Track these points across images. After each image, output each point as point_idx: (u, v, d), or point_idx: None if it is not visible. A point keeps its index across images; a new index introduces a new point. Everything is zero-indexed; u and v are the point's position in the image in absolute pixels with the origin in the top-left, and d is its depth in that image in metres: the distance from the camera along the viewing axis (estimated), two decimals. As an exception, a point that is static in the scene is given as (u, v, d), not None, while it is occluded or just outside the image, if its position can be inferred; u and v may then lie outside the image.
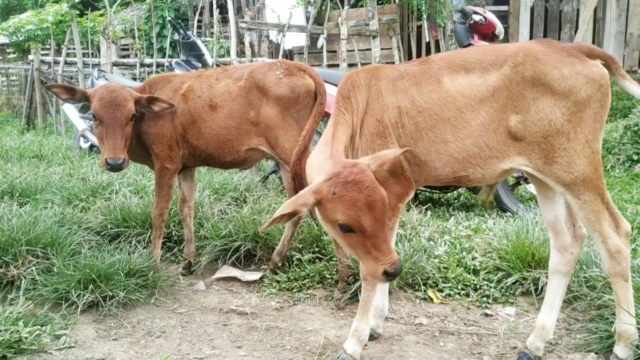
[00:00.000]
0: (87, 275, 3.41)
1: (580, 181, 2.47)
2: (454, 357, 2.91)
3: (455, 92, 2.57)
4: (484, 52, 2.64)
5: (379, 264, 2.27)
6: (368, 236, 2.25)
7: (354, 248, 2.34)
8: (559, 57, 2.47)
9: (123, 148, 3.57)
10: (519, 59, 2.48)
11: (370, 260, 2.30)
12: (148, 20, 14.76)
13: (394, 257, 2.28)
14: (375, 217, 2.23)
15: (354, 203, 2.21)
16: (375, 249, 2.27)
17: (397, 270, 2.28)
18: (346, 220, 2.24)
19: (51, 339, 3.05)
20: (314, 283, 3.80)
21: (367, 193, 2.23)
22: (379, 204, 2.24)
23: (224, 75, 3.80)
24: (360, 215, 2.22)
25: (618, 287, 2.61)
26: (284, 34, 9.29)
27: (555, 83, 2.42)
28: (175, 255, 4.42)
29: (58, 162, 7.27)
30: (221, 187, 5.42)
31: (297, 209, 2.28)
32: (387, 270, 2.27)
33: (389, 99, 2.67)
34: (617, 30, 9.84)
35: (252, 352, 2.99)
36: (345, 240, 2.35)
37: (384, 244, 2.28)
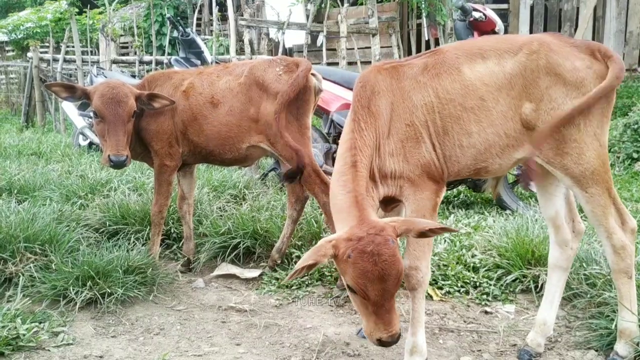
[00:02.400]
0: (85, 272, 3.40)
1: (589, 174, 2.48)
2: (453, 355, 2.90)
3: (476, 79, 2.52)
4: (498, 40, 2.65)
5: (377, 330, 2.21)
6: (371, 303, 2.18)
7: (357, 305, 2.30)
8: (570, 50, 2.52)
9: (125, 145, 3.55)
10: (534, 47, 2.49)
11: (370, 322, 2.23)
12: (147, 18, 14.74)
13: (394, 330, 2.20)
14: (384, 288, 2.14)
15: (365, 274, 2.13)
16: (377, 316, 2.20)
17: (393, 341, 2.22)
18: (353, 286, 2.18)
19: (49, 336, 3.04)
20: (313, 280, 3.79)
21: (382, 267, 2.12)
22: (392, 277, 2.14)
23: (225, 72, 3.79)
24: (369, 286, 2.14)
25: (621, 284, 2.60)
26: (283, 32, 9.27)
27: (568, 74, 2.46)
28: (174, 252, 4.40)
29: (57, 159, 7.26)
30: (220, 184, 5.41)
31: (318, 260, 2.19)
32: (382, 338, 2.20)
33: (415, 98, 2.54)
34: (617, 29, 9.83)
35: (250, 350, 2.98)
36: (353, 298, 2.31)
37: (387, 315, 2.19)
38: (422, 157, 2.52)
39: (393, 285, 2.16)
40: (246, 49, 9.15)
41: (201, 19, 15.94)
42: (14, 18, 19.88)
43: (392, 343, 2.23)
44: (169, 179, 3.85)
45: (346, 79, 5.65)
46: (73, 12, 11.62)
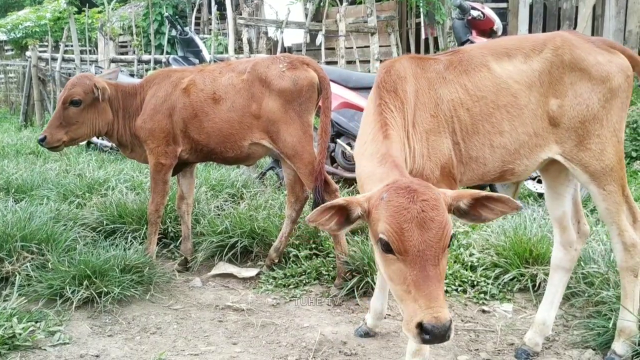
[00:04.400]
0: (82, 272, 3.39)
1: (609, 170, 2.50)
2: (450, 354, 2.89)
3: (507, 77, 2.46)
4: (520, 39, 2.65)
5: (417, 309, 1.71)
6: (409, 264, 1.75)
7: (392, 280, 1.84)
8: (590, 45, 2.52)
9: (51, 126, 3.78)
10: (558, 43, 2.49)
11: (408, 302, 1.76)
12: (146, 17, 14.71)
13: (440, 310, 1.70)
14: (425, 240, 1.75)
15: (400, 211, 1.78)
16: (415, 288, 1.73)
17: (438, 328, 1.67)
18: (385, 231, 1.79)
19: (45, 335, 3.03)
20: (310, 279, 3.78)
21: (423, 207, 1.78)
22: (435, 227, 1.77)
23: (227, 69, 3.78)
24: (405, 229, 1.76)
25: (627, 282, 2.60)
26: (282, 31, 9.25)
27: (593, 69, 2.46)
28: (171, 251, 4.39)
29: (54, 158, 7.24)
30: (218, 183, 5.40)
31: (350, 204, 1.90)
32: (423, 323, 1.68)
33: (441, 91, 2.43)
34: (616, 28, 9.81)
35: (247, 349, 2.97)
36: (385, 268, 1.87)
37: (429, 285, 1.72)
38: (443, 155, 2.42)
39: (436, 238, 1.76)
40: (245, 48, 9.13)
41: (200, 18, 15.92)
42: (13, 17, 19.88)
43: (439, 334, 1.68)
44: (164, 178, 3.84)
45: (344, 77, 5.64)
46: (72, 11, 11.62)
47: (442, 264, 1.79)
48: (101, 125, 3.88)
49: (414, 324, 1.70)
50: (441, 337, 1.69)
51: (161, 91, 3.79)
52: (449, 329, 1.69)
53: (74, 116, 3.79)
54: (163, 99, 3.78)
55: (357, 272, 3.56)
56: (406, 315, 1.77)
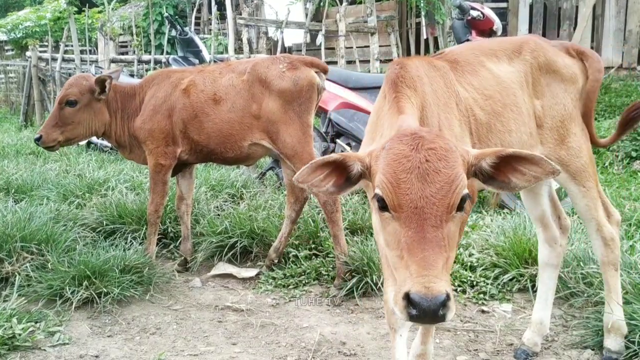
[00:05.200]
0: (81, 272, 3.39)
1: (586, 167, 2.55)
2: (450, 354, 2.90)
3: (505, 77, 2.40)
4: (498, 41, 2.66)
5: (407, 277, 1.48)
6: (404, 223, 1.52)
7: (388, 246, 1.61)
8: (556, 49, 2.60)
9: (46, 126, 3.82)
10: (532, 46, 2.52)
11: (399, 270, 1.53)
12: (146, 17, 14.71)
13: (432, 278, 1.44)
14: (425, 195, 1.50)
15: (399, 159, 1.55)
16: (408, 251, 1.50)
17: (428, 301, 1.41)
18: (380, 183, 1.57)
19: (45, 336, 3.04)
20: (310, 280, 3.79)
21: (427, 155, 1.54)
22: (440, 181, 1.52)
23: (227, 69, 3.79)
24: (401, 180, 1.53)
25: (609, 277, 2.65)
26: (282, 31, 9.25)
27: (563, 70, 2.53)
28: (171, 251, 4.39)
29: (54, 158, 7.25)
30: (218, 183, 5.40)
31: (347, 159, 1.68)
32: (410, 293, 1.43)
33: (458, 89, 2.28)
34: (616, 27, 9.80)
35: (247, 349, 2.97)
36: (382, 232, 1.64)
37: (425, 248, 1.48)
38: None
39: (440, 194, 1.51)
40: (245, 48, 9.13)
41: (200, 18, 15.92)
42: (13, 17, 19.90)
43: (429, 310, 1.41)
44: (164, 178, 3.84)
45: (344, 77, 5.65)
46: (72, 11, 11.62)
47: (446, 227, 1.52)
48: (97, 126, 3.89)
49: (400, 295, 1.46)
50: (431, 315, 1.41)
51: (161, 92, 3.80)
52: (442, 306, 1.41)
53: (69, 116, 3.80)
54: (163, 99, 3.78)
55: (357, 273, 3.56)
56: (398, 285, 1.51)
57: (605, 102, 8.65)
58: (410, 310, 1.44)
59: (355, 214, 4.48)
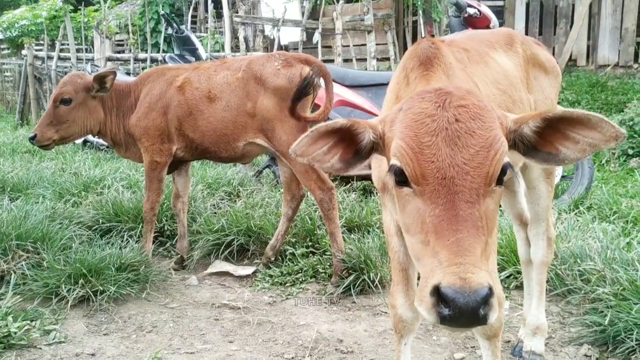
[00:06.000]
0: (77, 270, 3.37)
1: (555, 167, 2.54)
2: (447, 351, 2.89)
3: (510, 70, 2.26)
4: (492, 33, 2.54)
5: (437, 267, 1.18)
6: (429, 198, 1.24)
7: (409, 231, 1.31)
8: (534, 42, 2.54)
9: (40, 125, 3.80)
10: (521, 39, 2.46)
11: (425, 259, 1.24)
12: (142, 16, 14.68)
13: (469, 267, 1.14)
14: (456, 163, 1.22)
15: (422, 119, 1.28)
16: (436, 234, 1.21)
17: (465, 297, 1.11)
18: (397, 151, 1.29)
19: (41, 334, 3.02)
20: (307, 277, 3.78)
21: (458, 114, 1.27)
22: (475, 144, 1.24)
23: (222, 67, 3.76)
24: (425, 145, 1.25)
25: (542, 278, 2.66)
26: (278, 29, 9.24)
27: (547, 64, 2.48)
28: (167, 249, 4.38)
29: (50, 157, 7.23)
30: (214, 181, 5.39)
31: (355, 126, 1.41)
32: (441, 286, 1.13)
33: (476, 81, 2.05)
34: (613, 26, 9.82)
35: (243, 347, 2.96)
36: (401, 213, 1.35)
37: (458, 230, 1.19)
38: None
39: (476, 161, 1.24)
40: (241, 46, 9.12)
41: (197, 16, 15.88)
42: (9, 16, 19.82)
43: (467, 307, 1.11)
44: (159, 176, 3.83)
45: (341, 75, 5.64)
46: (68, 10, 11.58)
47: (483, 204, 1.23)
48: (92, 124, 3.87)
49: (427, 290, 1.15)
50: (470, 314, 1.10)
51: (156, 89, 3.78)
52: (484, 303, 1.10)
53: (64, 115, 3.77)
54: (158, 96, 3.77)
55: (354, 270, 3.56)
56: (422, 279, 1.22)
57: (601, 100, 8.68)
58: (441, 310, 1.13)
59: (352, 211, 4.47)
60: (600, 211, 4.48)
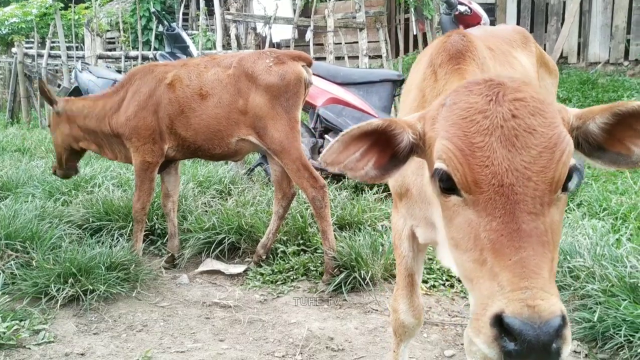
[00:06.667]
0: (67, 269, 3.36)
1: None
2: (437, 348, 2.90)
3: (530, 71, 2.15)
4: (507, 30, 2.43)
5: (494, 292, 1.03)
6: (485, 209, 1.08)
7: (457, 247, 1.15)
8: None
9: None
10: (531, 37, 2.40)
11: (480, 281, 1.07)
12: (134, 13, 14.61)
13: (538, 292, 0.99)
14: (516, 167, 1.06)
15: (472, 116, 1.12)
16: (494, 252, 1.05)
17: (535, 329, 0.96)
18: (443, 152, 1.14)
19: (30, 334, 3.00)
20: (298, 275, 3.77)
21: (514, 109, 1.11)
22: (538, 145, 1.08)
23: (212, 63, 3.72)
24: (477, 145, 1.09)
25: None
26: (270, 26, 9.21)
27: (550, 64, 2.45)
28: (158, 248, 4.36)
29: (41, 155, 7.18)
30: (206, 179, 5.37)
31: (392, 126, 1.24)
32: (504, 315, 0.99)
33: None
34: (603, 23, 9.86)
35: (234, 345, 2.96)
36: (447, 226, 1.19)
37: (522, 248, 1.03)
38: None
39: (539, 164, 1.07)
40: (233, 44, 9.08)
41: (188, 14, 15.83)
42: (-1, 13, 19.63)
43: (537, 341, 0.96)
44: (151, 176, 3.80)
45: (332, 73, 5.64)
46: (58, 7, 11.47)
47: (548, 214, 1.07)
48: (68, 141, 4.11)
49: (487, 319, 1.00)
50: (541, 349, 0.95)
51: (144, 87, 3.74)
52: (557, 335, 0.96)
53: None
54: (147, 94, 3.73)
55: (345, 268, 3.56)
56: (477, 304, 1.06)
57: (592, 98, 8.71)
58: (505, 344, 0.98)
59: (343, 209, 4.47)
60: (590, 208, 4.50)
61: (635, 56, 9.73)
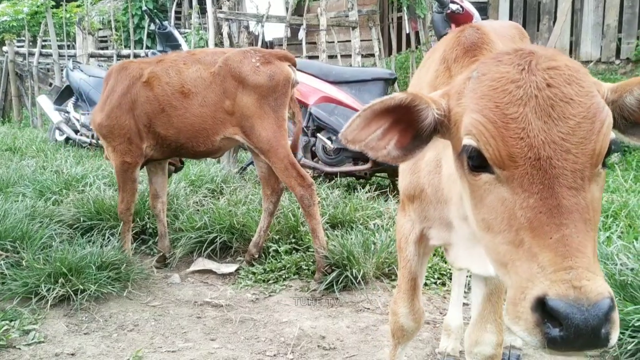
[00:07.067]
0: (57, 269, 3.33)
1: None
2: (429, 347, 2.90)
3: None
4: (503, 26, 2.39)
5: (535, 273, 0.96)
6: (521, 186, 1.01)
7: (489, 228, 1.08)
8: None
9: None
10: (525, 33, 2.34)
11: (518, 263, 1.00)
12: (126, 12, 14.55)
13: (583, 272, 0.92)
14: (553, 140, 1.00)
15: (504, 86, 1.05)
16: (532, 232, 0.98)
17: (583, 312, 0.89)
18: (473, 126, 1.07)
19: (20, 334, 2.98)
20: (290, 274, 3.77)
21: (549, 77, 1.04)
22: (575, 115, 1.01)
23: (192, 59, 3.65)
24: (511, 117, 1.02)
25: None
26: (262, 25, 9.20)
27: None
28: (150, 247, 4.34)
29: (32, 154, 7.14)
30: (197, 178, 5.36)
31: (416, 101, 1.17)
32: (547, 297, 0.92)
33: None
34: (595, 22, 9.89)
35: (225, 345, 2.95)
36: (475, 206, 1.12)
37: (563, 225, 0.96)
38: None
39: (578, 136, 1.00)
40: (225, 42, 9.06)
41: (181, 12, 15.78)
42: (-10, 12, 19.51)
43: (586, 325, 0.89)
44: (132, 176, 3.76)
45: (325, 71, 5.63)
46: (49, 5, 11.42)
47: (589, 190, 1.01)
48: None
49: (527, 302, 0.93)
50: (590, 334, 0.88)
51: (119, 85, 3.67)
52: (606, 319, 0.89)
53: None
54: (122, 93, 3.65)
55: (337, 267, 3.56)
56: (513, 288, 0.99)
57: (584, 96, 8.73)
58: (549, 330, 0.90)
59: (336, 208, 4.47)
60: (581, 206, 4.51)
61: (626, 55, 9.77)
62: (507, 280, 1.04)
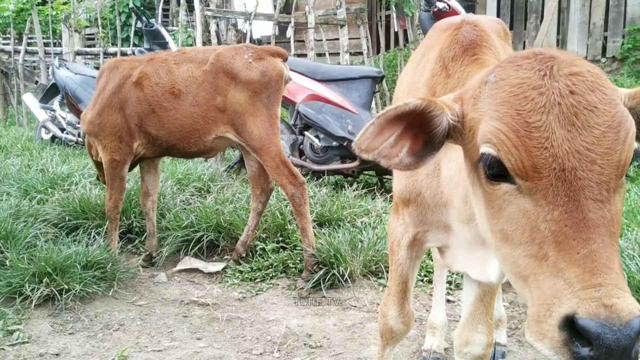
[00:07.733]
0: (42, 269, 3.30)
1: None
2: (415, 344, 2.91)
3: None
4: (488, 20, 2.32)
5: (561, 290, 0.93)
6: (544, 198, 0.98)
7: (508, 240, 1.05)
8: None
9: None
10: (508, 29, 2.34)
11: (541, 278, 0.98)
12: (113, 9, 14.43)
13: (613, 290, 0.90)
14: (577, 149, 0.96)
15: (524, 93, 1.01)
16: (557, 246, 0.95)
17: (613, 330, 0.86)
18: (492, 134, 1.03)
19: (4, 335, 2.96)
20: (277, 273, 3.76)
21: (571, 84, 1.00)
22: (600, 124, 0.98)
23: (183, 58, 3.62)
24: (533, 125, 0.98)
25: None
26: (250, 23, 9.17)
27: None
28: (136, 246, 4.32)
29: (17, 153, 7.07)
30: (184, 177, 5.33)
31: (431, 106, 1.13)
32: (577, 316, 0.89)
33: None
34: (581, 20, 9.96)
35: (211, 344, 2.94)
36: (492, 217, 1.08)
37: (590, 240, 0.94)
38: None
39: (604, 145, 0.97)
40: (213, 40, 9.02)
41: (169, 10, 15.69)
42: (-26, 9, 19.28)
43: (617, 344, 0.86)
44: (121, 174, 3.74)
45: (312, 70, 5.62)
46: (35, 3, 11.31)
47: (613, 202, 0.98)
48: None
49: (555, 320, 0.90)
50: (621, 354, 0.86)
51: (110, 84, 3.65)
52: (637, 338, 0.87)
53: None
54: (112, 92, 3.63)
55: (324, 265, 3.56)
56: (536, 305, 0.97)
57: (570, 94, 8.79)
58: (578, 349, 0.88)
59: (323, 206, 4.47)
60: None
61: (612, 53, 9.85)
62: (527, 293, 1.02)
